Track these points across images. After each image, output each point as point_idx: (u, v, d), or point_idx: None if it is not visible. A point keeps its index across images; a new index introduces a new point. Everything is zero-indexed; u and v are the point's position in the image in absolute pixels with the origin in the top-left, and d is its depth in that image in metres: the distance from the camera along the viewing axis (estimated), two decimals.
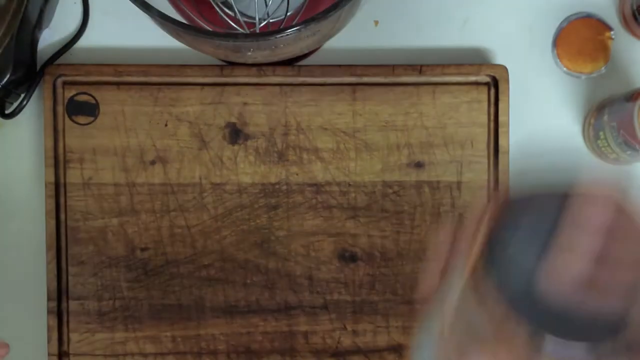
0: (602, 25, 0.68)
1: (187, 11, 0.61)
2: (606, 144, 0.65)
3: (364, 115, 0.66)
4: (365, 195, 0.66)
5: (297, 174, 0.66)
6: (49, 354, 0.65)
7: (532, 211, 0.34)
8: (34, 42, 0.66)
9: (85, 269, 0.65)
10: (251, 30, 0.61)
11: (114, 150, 0.66)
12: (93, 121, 0.66)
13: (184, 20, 0.61)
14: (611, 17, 0.69)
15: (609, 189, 0.34)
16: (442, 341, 0.37)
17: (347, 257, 0.66)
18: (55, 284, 0.65)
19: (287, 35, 0.48)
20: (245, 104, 0.66)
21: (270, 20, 0.61)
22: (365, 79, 0.66)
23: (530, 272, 0.33)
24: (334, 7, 0.48)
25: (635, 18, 0.66)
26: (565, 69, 0.69)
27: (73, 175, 0.65)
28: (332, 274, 0.66)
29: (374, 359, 0.66)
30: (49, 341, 0.65)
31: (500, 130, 0.66)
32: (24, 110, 0.66)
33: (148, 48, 0.67)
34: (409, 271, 0.66)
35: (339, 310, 0.66)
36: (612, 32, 0.68)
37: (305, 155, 0.66)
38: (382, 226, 0.66)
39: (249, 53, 0.54)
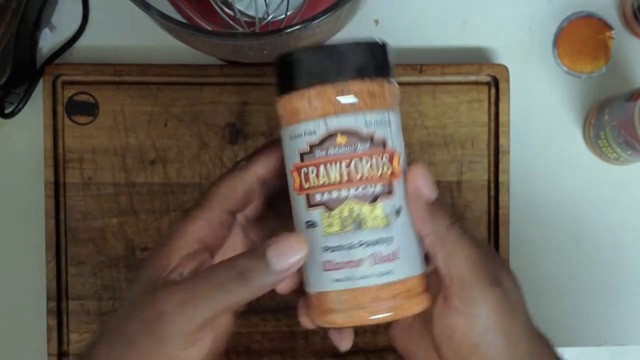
0: (603, 25, 0.68)
1: (187, 11, 0.61)
2: (607, 144, 0.64)
3: None
4: None
5: None
6: (49, 354, 0.65)
7: None
8: (33, 42, 0.66)
9: (84, 269, 0.65)
10: (251, 29, 0.60)
11: (114, 150, 0.66)
12: (92, 121, 0.66)
13: (183, 20, 0.61)
14: (612, 16, 0.68)
15: None
16: None
17: None
18: (54, 284, 0.65)
19: (287, 34, 0.48)
20: (245, 103, 0.66)
21: (270, 20, 0.61)
22: None
23: None
24: (334, 7, 0.48)
25: (636, 17, 0.66)
26: (565, 68, 0.69)
27: (72, 175, 0.65)
28: None
29: (374, 359, 0.66)
30: (48, 341, 0.65)
31: (501, 130, 0.66)
32: (24, 109, 0.66)
33: (147, 48, 0.67)
34: None
35: None
36: (612, 32, 0.68)
37: None
38: None
39: (249, 53, 0.54)
